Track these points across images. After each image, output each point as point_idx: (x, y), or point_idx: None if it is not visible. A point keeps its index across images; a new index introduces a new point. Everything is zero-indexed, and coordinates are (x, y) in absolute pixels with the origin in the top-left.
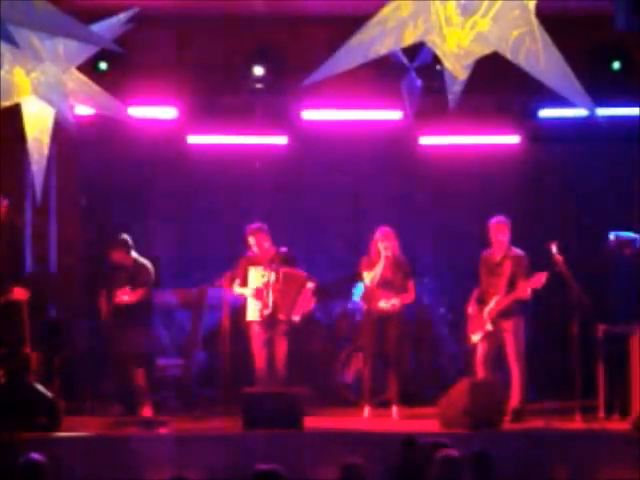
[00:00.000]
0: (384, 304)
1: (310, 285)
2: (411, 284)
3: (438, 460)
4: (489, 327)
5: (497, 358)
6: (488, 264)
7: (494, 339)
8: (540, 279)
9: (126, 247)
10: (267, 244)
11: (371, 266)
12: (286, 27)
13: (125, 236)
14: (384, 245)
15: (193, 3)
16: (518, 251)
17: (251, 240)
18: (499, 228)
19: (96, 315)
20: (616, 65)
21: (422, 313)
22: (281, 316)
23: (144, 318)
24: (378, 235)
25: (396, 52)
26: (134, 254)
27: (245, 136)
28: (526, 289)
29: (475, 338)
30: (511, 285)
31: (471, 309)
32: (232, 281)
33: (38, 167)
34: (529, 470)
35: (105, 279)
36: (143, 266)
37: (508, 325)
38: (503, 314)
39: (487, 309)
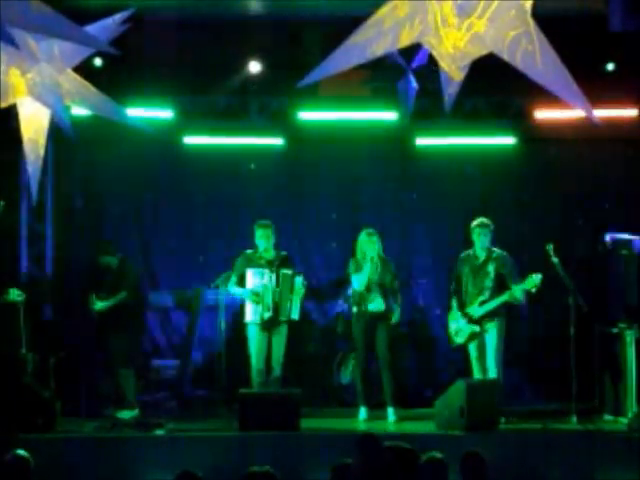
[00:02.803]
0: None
1: (299, 279)
2: (397, 284)
3: (423, 463)
4: (476, 329)
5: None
6: (471, 265)
7: (481, 338)
8: (534, 281)
9: (111, 250)
10: (272, 241)
11: (358, 269)
12: (283, 28)
13: (109, 239)
14: (369, 247)
15: (190, 4)
16: (500, 251)
17: (258, 232)
18: (481, 230)
19: (90, 316)
20: (610, 66)
21: (418, 314)
22: (282, 318)
23: (130, 321)
24: (362, 237)
25: (393, 53)
26: (120, 257)
27: (241, 137)
28: (519, 293)
29: (460, 340)
30: (499, 286)
31: (452, 310)
32: (228, 279)
33: (34, 168)
34: (525, 471)
35: (93, 282)
36: (128, 269)
37: (490, 326)
38: (487, 314)
39: (471, 310)
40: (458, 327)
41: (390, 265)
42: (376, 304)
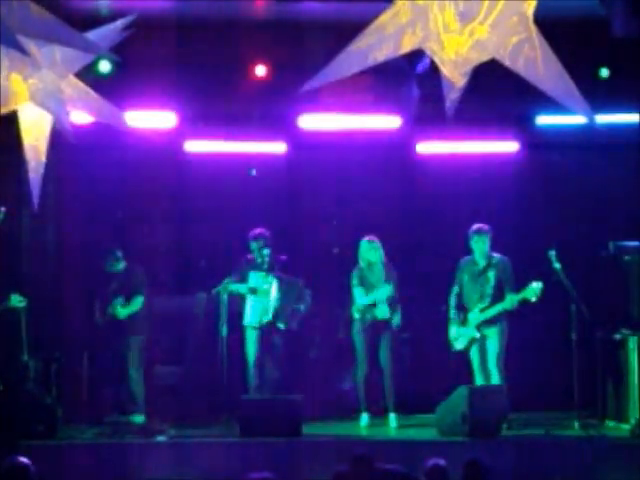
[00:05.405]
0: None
1: (308, 292)
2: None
3: (427, 469)
4: (476, 335)
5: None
6: (471, 272)
7: (481, 343)
8: (534, 290)
9: (116, 256)
10: (268, 251)
11: (364, 281)
12: (285, 33)
13: (115, 245)
14: (372, 254)
15: (192, 6)
16: (500, 256)
17: (253, 245)
18: (480, 236)
19: (94, 323)
20: (611, 72)
21: (419, 319)
22: (280, 325)
23: (144, 323)
24: (364, 245)
25: (395, 59)
26: (125, 262)
27: (243, 143)
28: (515, 302)
29: (459, 346)
30: (499, 292)
31: (452, 315)
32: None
33: (35, 174)
34: (527, 478)
35: (99, 288)
36: (135, 273)
37: (492, 331)
38: (488, 321)
39: (472, 316)
40: (458, 333)
41: (392, 272)
42: (381, 311)
